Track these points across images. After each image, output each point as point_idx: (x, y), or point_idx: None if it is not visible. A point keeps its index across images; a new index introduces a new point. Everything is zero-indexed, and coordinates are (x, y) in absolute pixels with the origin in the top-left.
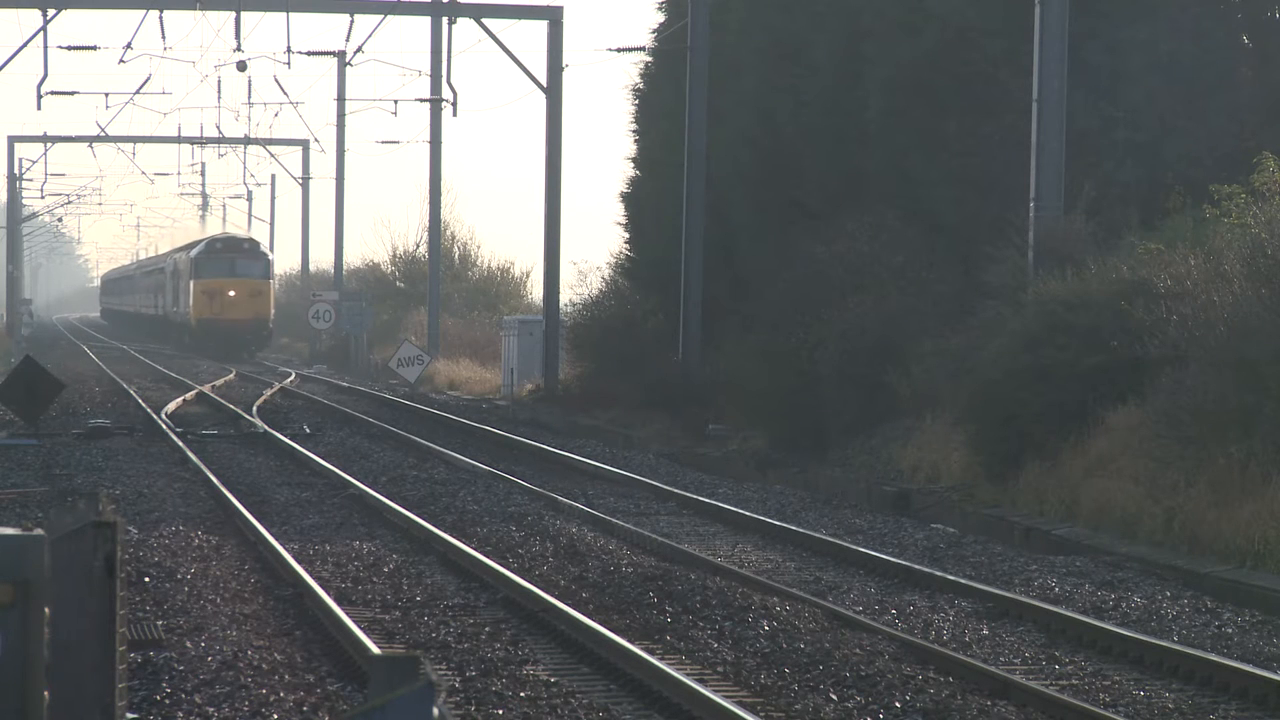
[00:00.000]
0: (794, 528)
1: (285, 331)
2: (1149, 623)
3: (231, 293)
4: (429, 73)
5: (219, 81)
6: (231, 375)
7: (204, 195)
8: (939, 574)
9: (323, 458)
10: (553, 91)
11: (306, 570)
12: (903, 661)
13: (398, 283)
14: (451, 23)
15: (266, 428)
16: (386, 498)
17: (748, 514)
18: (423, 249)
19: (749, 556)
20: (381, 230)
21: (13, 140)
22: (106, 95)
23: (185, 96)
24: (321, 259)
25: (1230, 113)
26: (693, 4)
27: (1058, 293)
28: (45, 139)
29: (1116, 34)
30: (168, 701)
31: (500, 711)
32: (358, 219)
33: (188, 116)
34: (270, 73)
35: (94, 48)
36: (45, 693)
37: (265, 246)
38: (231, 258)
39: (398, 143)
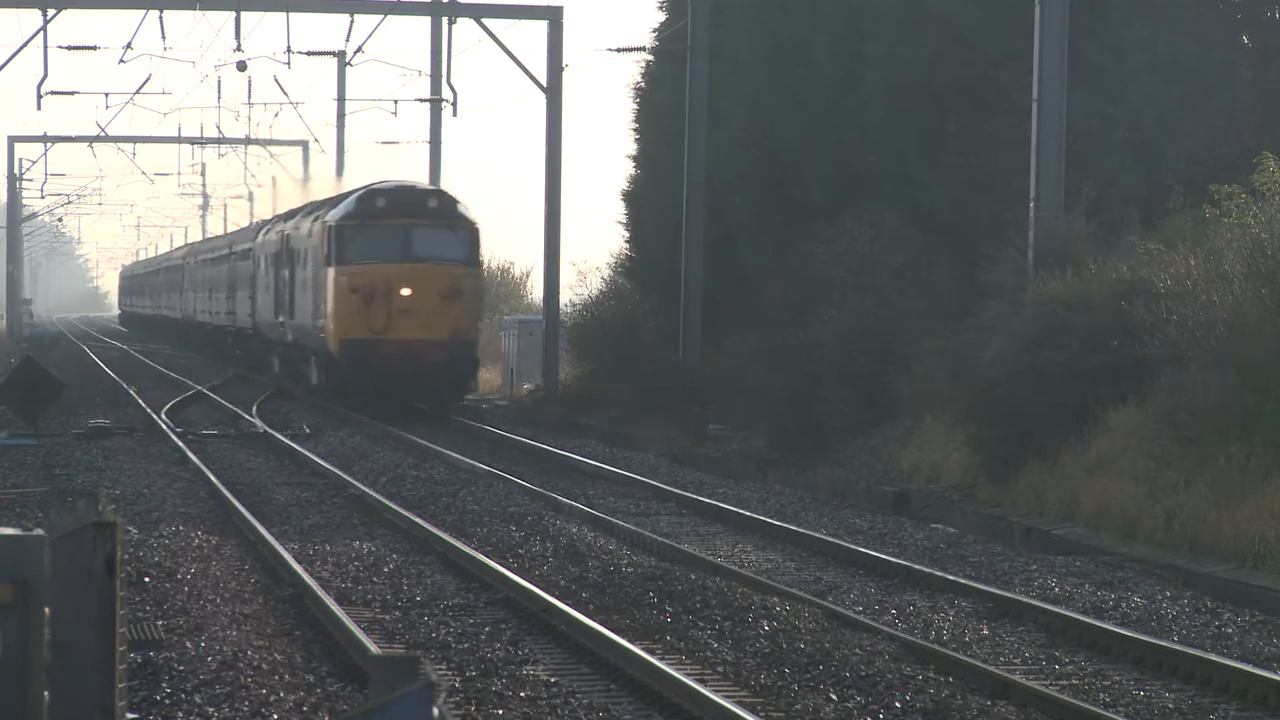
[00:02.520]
0: (794, 528)
1: None
2: (1149, 623)
3: (406, 290)
4: (429, 73)
5: (219, 81)
6: None
7: (204, 195)
8: (939, 574)
9: (322, 458)
10: (553, 91)
11: (306, 570)
12: (903, 661)
13: None
14: (451, 23)
15: (266, 428)
16: (386, 498)
17: (748, 514)
18: None
19: (749, 556)
20: None
21: (13, 140)
22: (106, 95)
23: (185, 96)
24: None
25: (1230, 113)
26: (693, 4)
27: (1058, 293)
28: (45, 139)
29: (1116, 34)
30: (168, 701)
31: (500, 711)
32: None
33: (188, 116)
34: (270, 73)
35: (94, 48)
36: (45, 693)
37: (464, 206)
38: (406, 226)
39: (398, 143)
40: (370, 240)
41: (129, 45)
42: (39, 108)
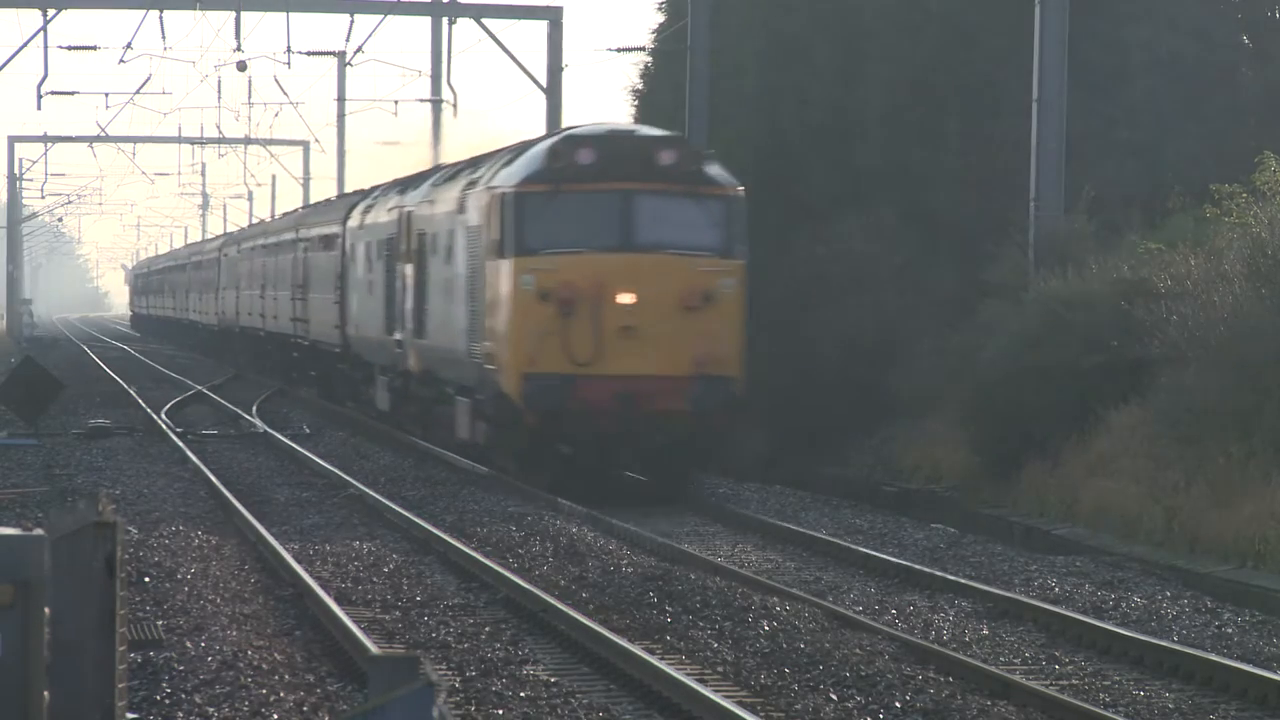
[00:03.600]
0: (794, 527)
1: None
2: (1149, 623)
3: (627, 297)
4: (429, 73)
5: (219, 81)
6: None
7: (204, 195)
8: (939, 574)
9: (322, 458)
10: (553, 91)
11: (306, 570)
12: (903, 661)
13: None
14: (451, 23)
15: (266, 428)
16: (386, 498)
17: (748, 514)
18: None
19: (749, 556)
20: None
21: (13, 140)
22: (106, 95)
23: (185, 96)
24: None
25: (1230, 113)
26: (693, 4)
27: (1058, 292)
28: (45, 139)
29: (1116, 34)
30: (168, 701)
31: (500, 711)
32: None
33: (188, 116)
34: (270, 73)
35: (94, 48)
36: (45, 693)
37: (718, 163)
38: (627, 194)
39: (398, 143)
40: (570, 217)
41: (129, 45)
42: (39, 108)
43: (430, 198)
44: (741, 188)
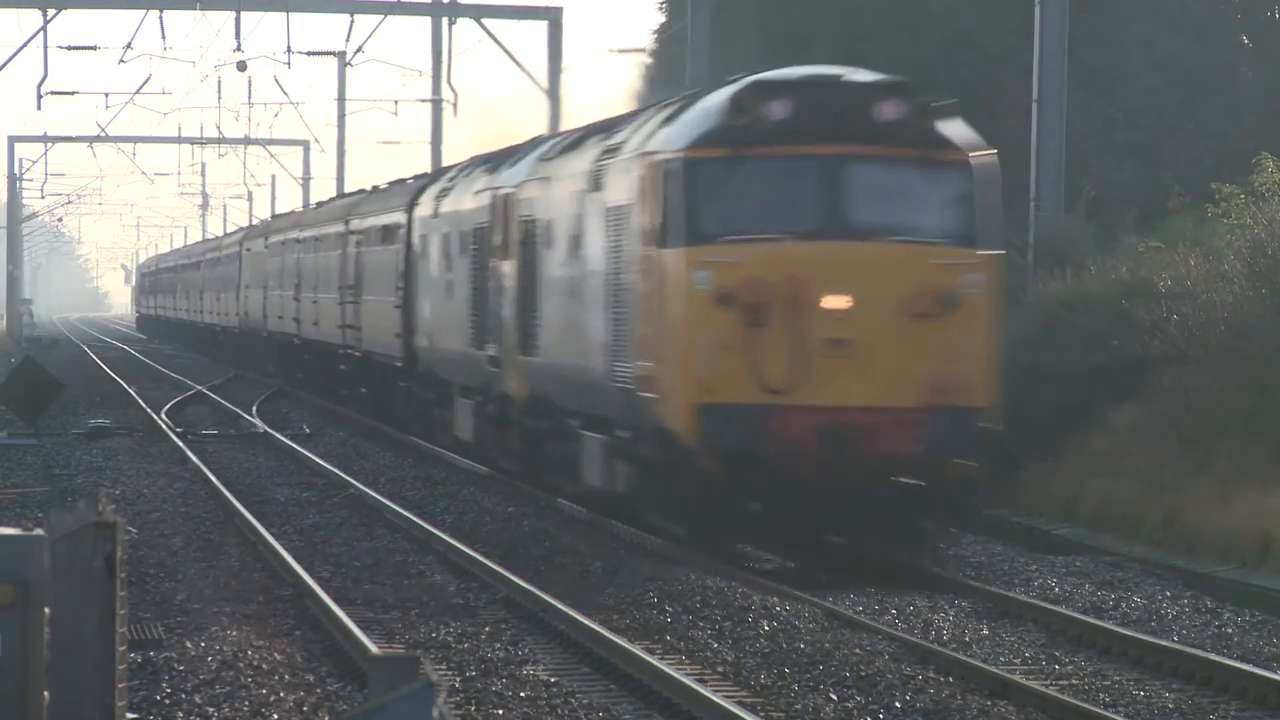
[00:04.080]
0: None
1: None
2: (1149, 623)
3: (837, 301)
4: (429, 73)
5: (219, 81)
6: None
7: (204, 195)
8: (939, 574)
9: (322, 458)
10: (553, 92)
11: (306, 570)
12: (903, 661)
13: None
14: (451, 23)
15: (266, 428)
16: (386, 498)
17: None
18: None
19: (749, 556)
20: None
21: (13, 140)
22: (106, 95)
23: (185, 96)
24: None
25: (1230, 113)
26: (693, 4)
27: (1058, 293)
28: (45, 139)
29: (1116, 34)
30: (168, 701)
31: (500, 711)
32: None
33: (188, 116)
34: (270, 73)
35: (94, 48)
36: (45, 693)
37: (956, 119)
38: (835, 161)
39: (398, 143)
40: (759, 192)
41: (129, 45)
42: (39, 108)
43: (540, 174)
44: (992, 152)
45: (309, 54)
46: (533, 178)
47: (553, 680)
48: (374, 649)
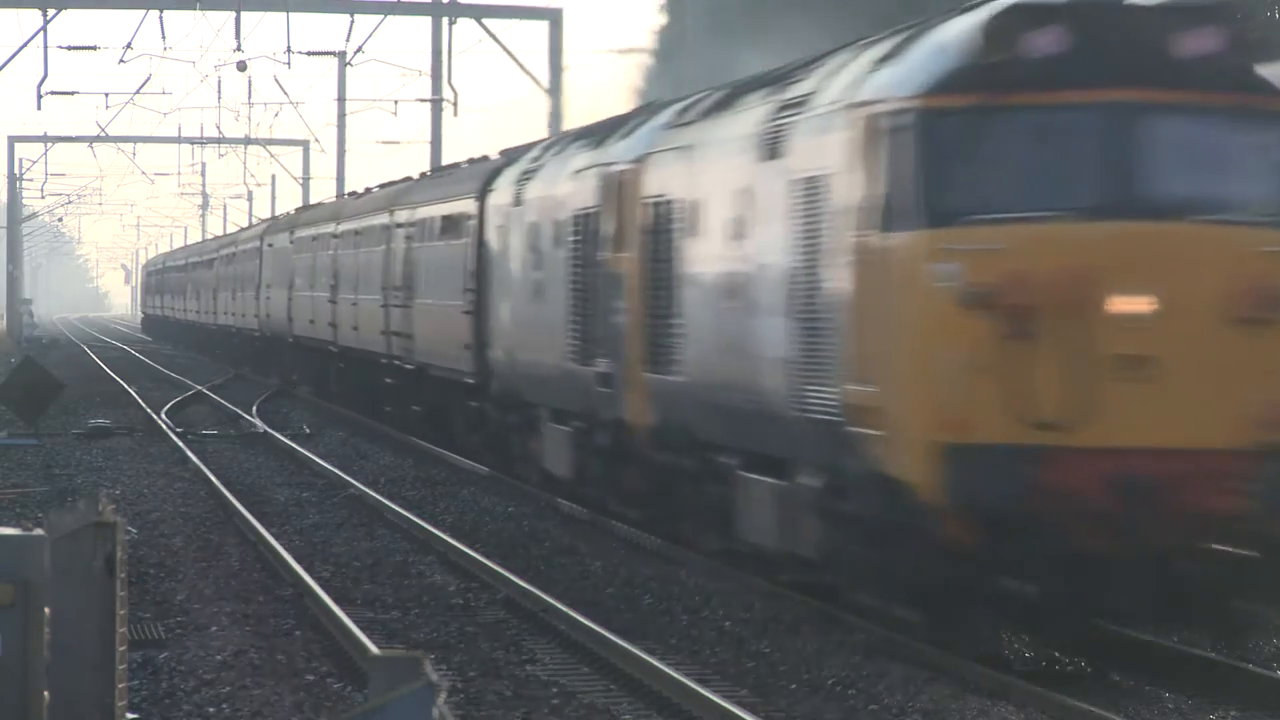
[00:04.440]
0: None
1: None
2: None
3: (1135, 303)
4: (429, 73)
5: (219, 81)
6: None
7: (204, 195)
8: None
9: (322, 458)
10: (553, 92)
11: (306, 570)
12: (903, 661)
13: None
14: (451, 23)
15: (266, 428)
16: (386, 498)
17: None
18: None
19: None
20: None
21: (13, 140)
22: (106, 95)
23: (185, 96)
24: None
25: None
26: (693, 4)
27: None
28: (45, 139)
29: None
30: (168, 701)
31: (500, 711)
32: None
33: (188, 116)
34: (270, 73)
35: (94, 48)
36: (45, 693)
37: None
38: (1125, 112)
39: (398, 143)
40: (1021, 155)
41: (129, 45)
42: (39, 108)
43: (675, 143)
44: None
45: (309, 54)
46: (662, 148)
47: (553, 680)
48: (374, 649)
